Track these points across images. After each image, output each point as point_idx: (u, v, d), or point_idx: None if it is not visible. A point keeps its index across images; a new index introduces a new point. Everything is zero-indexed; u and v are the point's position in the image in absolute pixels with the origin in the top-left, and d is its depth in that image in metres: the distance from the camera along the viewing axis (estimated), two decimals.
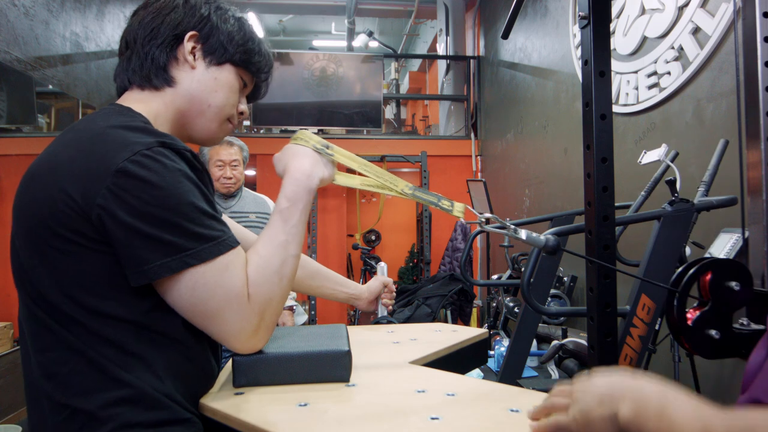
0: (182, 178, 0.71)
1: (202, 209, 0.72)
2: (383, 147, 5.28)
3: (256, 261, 0.77)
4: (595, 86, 1.09)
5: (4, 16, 2.82)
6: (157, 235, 0.68)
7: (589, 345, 1.13)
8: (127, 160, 0.68)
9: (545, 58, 3.82)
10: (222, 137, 0.92)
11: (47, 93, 4.22)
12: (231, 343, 0.76)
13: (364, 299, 1.29)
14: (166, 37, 0.83)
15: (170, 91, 0.84)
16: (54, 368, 0.71)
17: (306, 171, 0.84)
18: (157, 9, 0.85)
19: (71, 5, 3.51)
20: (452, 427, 0.65)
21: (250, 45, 0.89)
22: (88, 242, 0.70)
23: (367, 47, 7.02)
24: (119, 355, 0.71)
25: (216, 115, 0.87)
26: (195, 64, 0.85)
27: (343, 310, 5.34)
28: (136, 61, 0.84)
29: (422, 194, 0.92)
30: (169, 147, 0.72)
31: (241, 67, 0.89)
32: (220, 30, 0.86)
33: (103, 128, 0.73)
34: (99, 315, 0.71)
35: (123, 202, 0.68)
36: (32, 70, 3.08)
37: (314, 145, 0.87)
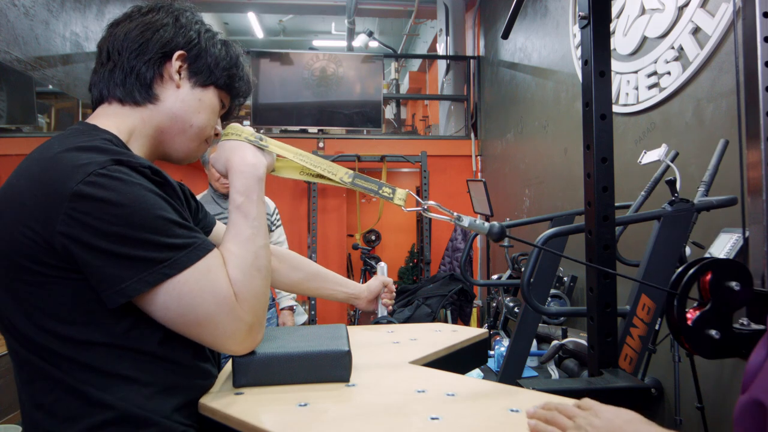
0: (143, 192, 0.70)
1: (170, 219, 0.71)
2: (383, 147, 5.28)
3: (232, 260, 0.76)
4: (595, 86, 1.09)
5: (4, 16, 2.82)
6: (128, 253, 0.67)
7: (589, 345, 1.13)
8: (81, 182, 0.66)
9: (545, 58, 3.82)
10: (198, 157, 0.92)
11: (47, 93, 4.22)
12: (228, 347, 0.75)
13: (363, 299, 1.29)
14: (154, 54, 0.82)
15: (151, 107, 0.83)
16: (40, 398, 0.71)
17: (250, 161, 0.84)
18: (145, 24, 0.83)
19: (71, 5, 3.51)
20: (452, 427, 0.65)
21: (235, 71, 0.90)
22: (55, 272, 0.69)
23: (367, 47, 7.02)
24: (100, 379, 0.71)
25: (197, 135, 0.87)
26: (180, 83, 0.84)
27: (343, 310, 5.34)
28: (120, 75, 0.82)
29: (362, 182, 0.90)
30: (124, 164, 0.71)
31: (223, 91, 0.90)
32: (208, 53, 0.87)
33: (55, 153, 0.71)
34: (75, 343, 0.70)
35: (85, 225, 0.66)
36: (32, 70, 3.08)
37: (246, 138, 0.87)
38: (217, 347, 0.75)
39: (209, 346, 0.75)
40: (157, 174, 0.75)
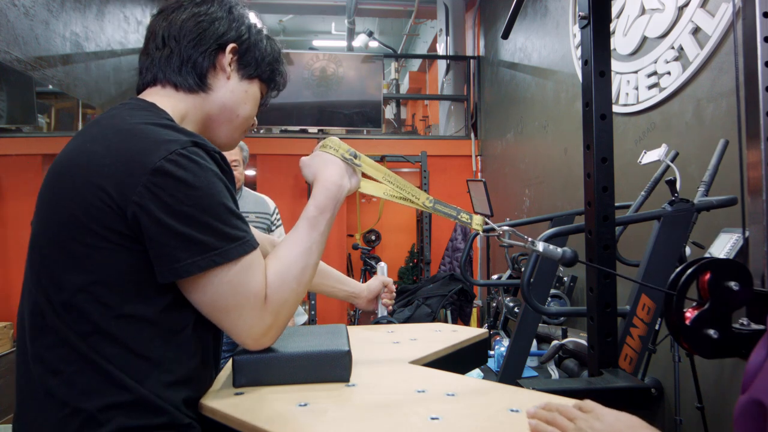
0: (214, 179, 0.73)
1: (231, 210, 0.75)
2: (383, 147, 5.28)
3: (277, 265, 0.78)
4: (595, 86, 1.09)
5: (4, 16, 2.83)
6: (190, 234, 0.70)
7: (589, 345, 1.13)
8: (165, 159, 0.69)
9: (545, 58, 3.82)
10: (236, 145, 0.96)
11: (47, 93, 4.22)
12: (242, 339, 0.77)
13: (363, 298, 1.29)
14: (210, 45, 0.86)
15: (203, 96, 0.87)
16: (59, 365, 0.71)
17: (337, 182, 0.87)
18: (201, 14, 0.86)
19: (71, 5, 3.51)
20: (452, 427, 0.65)
21: (277, 65, 0.95)
22: (119, 239, 0.70)
23: (367, 47, 7.02)
24: (125, 357, 0.71)
25: (242, 125, 0.92)
26: (231, 75, 0.88)
27: (343, 310, 5.35)
28: (177, 61, 0.85)
29: (442, 207, 0.93)
30: (201, 147, 0.74)
31: (265, 84, 0.95)
32: (257, 47, 0.91)
33: (133, 124, 0.74)
34: (115, 313, 0.71)
35: (159, 200, 0.69)
36: (32, 70, 3.08)
37: (342, 155, 0.89)
38: (233, 335, 0.77)
39: (227, 332, 0.77)
40: (224, 161, 0.78)
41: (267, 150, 5.24)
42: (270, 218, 2.63)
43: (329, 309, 5.25)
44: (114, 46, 4.15)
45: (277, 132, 5.57)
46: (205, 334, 0.80)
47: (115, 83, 4.09)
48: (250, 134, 5.70)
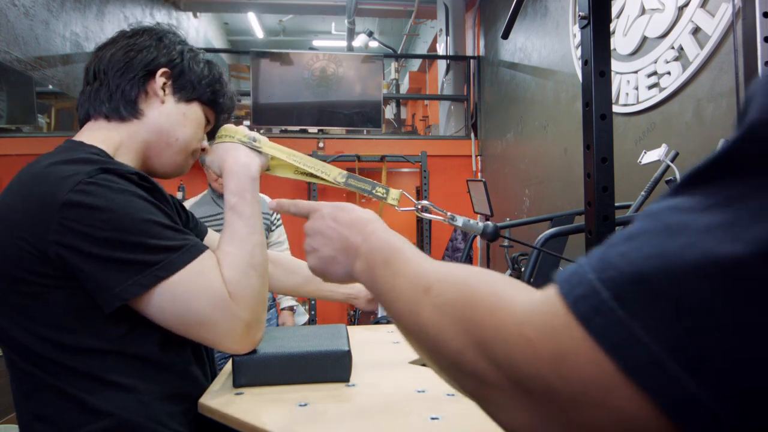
0: (131, 197, 0.72)
1: (159, 223, 0.73)
2: (383, 147, 5.28)
3: (226, 259, 0.77)
4: (595, 86, 1.09)
5: (4, 16, 2.83)
6: (121, 257, 0.69)
7: None
8: (71, 191, 0.68)
9: (545, 58, 3.82)
10: (184, 171, 0.94)
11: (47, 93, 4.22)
12: (226, 345, 0.76)
13: (362, 298, 1.29)
14: (137, 72, 0.85)
15: (137, 123, 0.85)
16: (41, 410, 0.73)
17: (242, 161, 0.87)
18: (129, 46, 0.87)
19: (71, 5, 3.51)
20: (452, 427, 0.65)
21: (218, 87, 0.93)
22: (50, 281, 0.70)
23: (367, 47, 7.02)
24: (98, 387, 0.72)
25: (182, 148, 0.90)
26: (165, 99, 0.87)
27: (343, 310, 5.35)
28: (105, 93, 0.85)
29: (355, 182, 0.90)
30: (111, 172, 0.73)
31: (207, 106, 0.93)
32: (191, 70, 0.89)
33: (43, 167, 0.73)
34: (73, 350, 0.71)
35: (77, 232, 0.68)
36: (32, 70, 3.08)
37: (239, 139, 0.89)
38: (217, 346, 0.76)
39: (210, 345, 0.76)
40: (144, 179, 0.77)
41: None
42: (270, 218, 2.61)
43: (329, 309, 5.25)
44: None
45: (277, 132, 5.57)
46: (181, 347, 0.79)
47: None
48: None
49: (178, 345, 0.77)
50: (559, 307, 0.30)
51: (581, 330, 0.29)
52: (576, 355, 0.29)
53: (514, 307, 0.34)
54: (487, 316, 0.35)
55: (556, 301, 0.30)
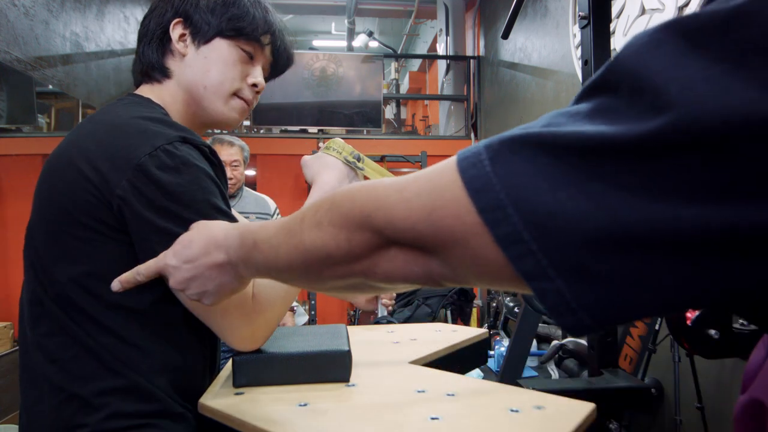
0: (200, 175, 0.73)
1: (216, 206, 0.74)
2: (383, 147, 5.28)
3: None
4: None
5: (4, 16, 2.83)
6: (172, 230, 0.70)
7: (589, 345, 1.13)
8: (148, 154, 0.70)
9: (545, 58, 3.82)
10: (237, 116, 0.89)
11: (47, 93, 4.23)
12: (229, 339, 0.76)
13: (361, 297, 1.29)
14: (154, 34, 0.86)
15: (171, 82, 0.86)
16: (57, 353, 0.73)
17: (334, 186, 0.85)
18: (150, 10, 0.88)
19: (71, 5, 3.51)
20: (452, 427, 0.65)
21: (234, 10, 0.84)
22: (108, 230, 0.71)
23: (367, 47, 7.02)
24: (118, 346, 0.72)
25: (215, 94, 0.85)
26: (186, 51, 0.85)
27: (343, 310, 5.35)
28: (138, 64, 0.87)
29: None
30: (188, 142, 0.74)
31: (233, 38, 0.84)
32: (199, 6, 0.84)
33: (124, 119, 0.75)
34: (104, 304, 0.72)
35: (141, 195, 0.69)
36: (32, 70, 3.08)
37: (345, 157, 0.87)
38: (222, 336, 0.77)
39: (216, 332, 0.77)
40: (213, 155, 0.78)
41: (267, 150, 5.24)
42: (270, 218, 2.63)
43: (329, 309, 5.25)
44: (114, 46, 4.15)
45: (277, 132, 5.58)
46: (199, 327, 0.79)
47: (115, 83, 4.09)
48: (249, 134, 5.70)
49: (200, 324, 0.78)
50: (448, 168, 0.36)
51: (458, 183, 0.35)
52: (446, 204, 0.35)
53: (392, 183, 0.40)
54: (367, 198, 0.41)
55: (448, 165, 0.37)
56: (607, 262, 0.30)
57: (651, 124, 0.28)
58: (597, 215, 0.30)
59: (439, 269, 0.38)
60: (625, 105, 0.30)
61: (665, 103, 0.28)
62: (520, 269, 0.32)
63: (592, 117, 0.32)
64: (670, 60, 0.29)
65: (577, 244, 0.30)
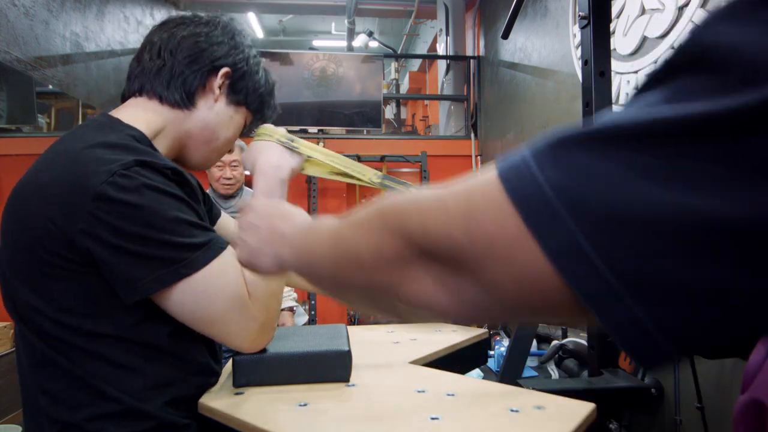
0: (162, 195, 0.72)
1: (186, 221, 0.73)
2: (383, 147, 5.27)
3: None
4: (595, 86, 1.09)
5: (4, 16, 2.83)
6: (146, 253, 0.69)
7: (589, 345, 1.13)
8: (105, 182, 0.68)
9: (545, 58, 3.82)
10: (210, 166, 0.96)
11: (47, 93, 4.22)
12: (237, 344, 0.76)
13: None
14: (204, 65, 0.85)
15: (186, 113, 0.86)
16: (47, 384, 0.73)
17: (274, 163, 0.87)
18: (200, 35, 0.86)
19: (71, 5, 3.51)
20: (452, 427, 0.65)
21: (268, 98, 0.95)
22: (72, 266, 0.70)
23: (367, 47, 7.02)
24: (107, 370, 0.72)
25: (220, 148, 0.92)
26: (218, 98, 0.88)
27: (343, 310, 5.34)
28: (167, 75, 0.84)
29: (391, 183, 0.91)
30: (147, 165, 0.73)
31: (251, 113, 0.94)
32: (251, 77, 0.90)
33: (80, 149, 0.73)
34: (86, 334, 0.72)
35: (106, 224, 0.68)
36: (32, 70, 3.08)
37: (278, 139, 0.90)
38: (228, 344, 0.76)
39: (220, 342, 0.77)
40: (177, 174, 0.77)
41: None
42: None
43: (329, 309, 5.25)
44: (114, 46, 4.15)
45: None
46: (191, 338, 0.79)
47: (115, 83, 4.09)
48: (249, 134, 5.69)
49: (188, 335, 0.78)
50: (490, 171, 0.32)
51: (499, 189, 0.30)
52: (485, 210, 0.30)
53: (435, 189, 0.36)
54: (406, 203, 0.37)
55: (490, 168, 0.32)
56: (707, 274, 0.24)
57: (748, 98, 0.23)
58: (693, 212, 0.24)
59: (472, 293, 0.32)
60: (708, 83, 0.25)
61: (762, 75, 0.23)
62: (581, 291, 0.26)
63: (670, 100, 0.27)
64: (754, 31, 0.24)
65: (661, 253, 0.24)
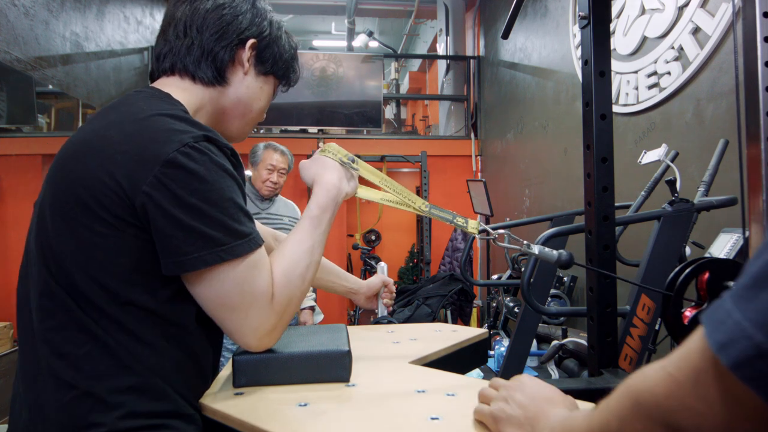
0: (224, 174, 0.73)
1: (239, 206, 0.74)
2: (383, 147, 5.28)
3: (283, 263, 0.79)
4: (595, 86, 1.09)
5: (4, 16, 2.83)
6: (198, 228, 0.70)
7: (589, 345, 1.13)
8: (177, 151, 0.69)
9: (545, 58, 3.82)
10: (245, 138, 0.98)
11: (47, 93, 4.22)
12: (246, 339, 0.76)
13: (362, 294, 1.29)
14: (232, 40, 0.86)
15: (220, 89, 0.87)
16: (68, 348, 0.71)
17: (336, 184, 0.89)
18: (223, 6, 0.85)
19: (71, 5, 3.51)
20: (452, 427, 0.65)
21: (293, 63, 0.95)
22: (126, 227, 0.70)
23: (367, 47, 7.02)
24: (133, 343, 0.72)
25: (254, 119, 0.93)
26: (248, 70, 0.88)
27: (343, 310, 5.34)
28: (197, 53, 0.84)
29: (438, 212, 0.95)
30: (213, 142, 0.74)
31: (278, 80, 0.95)
32: (276, 44, 0.91)
33: (148, 114, 0.74)
34: (120, 301, 0.71)
35: (169, 191, 0.69)
36: (32, 70, 3.08)
37: (341, 159, 0.92)
38: (237, 336, 0.76)
39: (227, 331, 0.76)
40: (235, 156, 0.78)
41: None
42: (295, 222, 2.71)
43: (329, 309, 5.25)
44: (114, 46, 4.15)
45: (277, 132, 5.57)
46: (208, 329, 0.80)
47: (115, 83, 4.09)
48: (249, 134, 5.69)
49: (208, 324, 0.78)
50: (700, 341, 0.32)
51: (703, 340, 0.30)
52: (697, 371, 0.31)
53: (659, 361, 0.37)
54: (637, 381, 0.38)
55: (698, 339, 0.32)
56: None
57: None
58: None
59: None
60: None
61: None
62: None
63: None
64: None
65: None
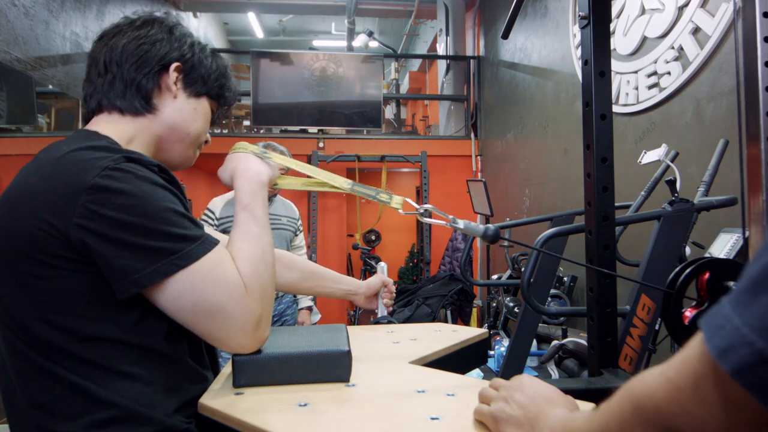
0: (155, 186, 0.73)
1: (180, 212, 0.74)
2: (383, 147, 5.28)
3: (241, 254, 0.78)
4: (595, 86, 1.09)
5: (4, 16, 2.83)
6: (143, 243, 0.69)
7: (589, 345, 1.13)
8: (98, 176, 0.69)
9: (545, 58, 3.82)
10: (191, 163, 0.96)
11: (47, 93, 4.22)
12: (237, 340, 0.75)
13: (361, 294, 1.29)
14: (152, 66, 0.85)
15: (150, 117, 0.86)
16: (39, 398, 0.72)
17: (254, 168, 0.89)
18: (141, 37, 0.86)
19: (71, 5, 3.51)
20: (452, 427, 0.65)
21: (224, 81, 0.95)
22: (68, 264, 0.70)
23: (367, 47, 7.02)
24: (103, 376, 0.71)
25: (193, 142, 0.92)
26: (177, 94, 0.88)
27: (343, 310, 5.34)
28: (120, 86, 0.84)
29: (360, 188, 0.95)
30: (136, 161, 0.74)
31: (213, 100, 0.95)
32: (201, 64, 0.91)
33: (65, 152, 0.73)
34: (81, 337, 0.71)
35: (102, 216, 0.68)
36: (32, 70, 3.08)
37: (252, 151, 0.93)
38: (226, 340, 0.75)
39: (217, 340, 0.75)
40: (164, 171, 0.78)
41: None
42: (296, 223, 2.75)
43: (329, 309, 5.25)
44: None
45: (277, 132, 5.57)
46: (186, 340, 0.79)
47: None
48: (249, 134, 5.70)
49: (184, 338, 0.78)
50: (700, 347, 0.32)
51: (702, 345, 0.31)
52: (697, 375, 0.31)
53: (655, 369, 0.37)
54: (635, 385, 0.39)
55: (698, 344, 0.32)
56: None
57: None
58: None
59: None
60: None
61: None
62: None
63: None
64: None
65: None
